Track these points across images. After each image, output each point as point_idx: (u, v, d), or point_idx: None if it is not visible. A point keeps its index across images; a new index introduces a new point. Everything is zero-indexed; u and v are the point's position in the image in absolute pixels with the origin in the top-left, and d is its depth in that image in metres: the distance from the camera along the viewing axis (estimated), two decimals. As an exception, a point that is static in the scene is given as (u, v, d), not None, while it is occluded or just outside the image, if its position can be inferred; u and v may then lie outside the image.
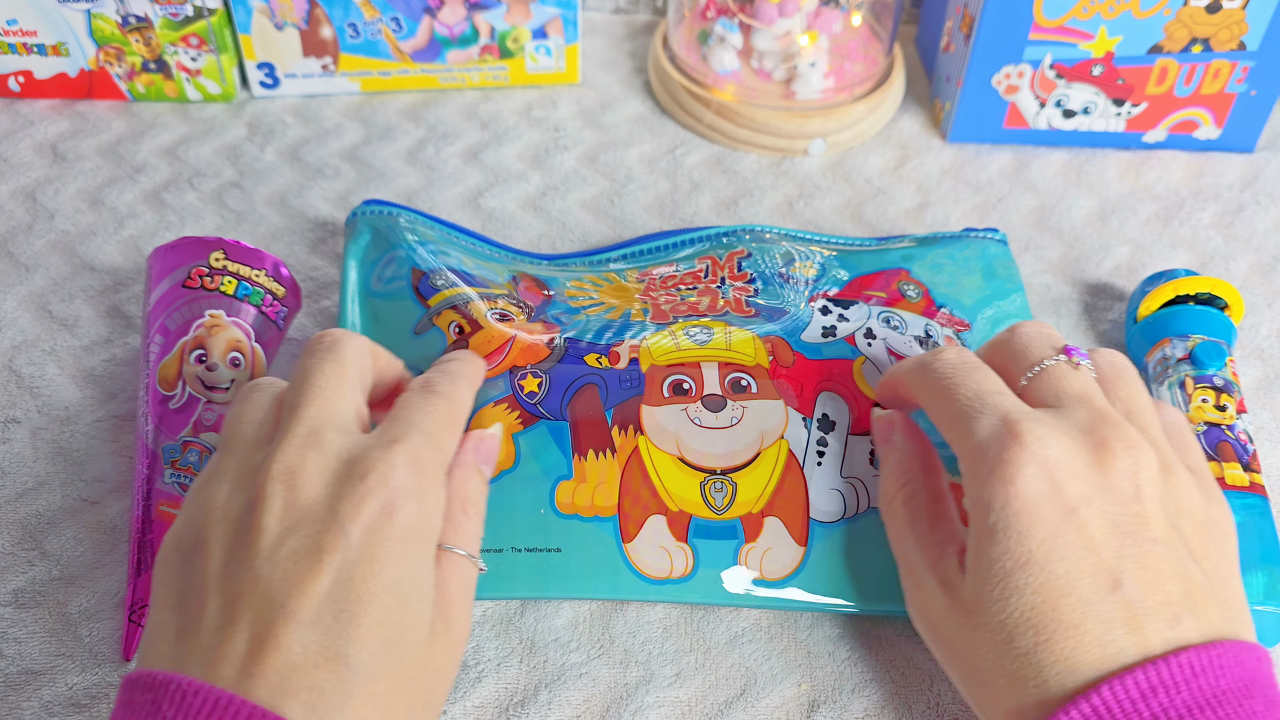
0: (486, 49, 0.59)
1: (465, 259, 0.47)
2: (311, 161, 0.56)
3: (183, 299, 0.43)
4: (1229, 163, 0.58)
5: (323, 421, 0.32)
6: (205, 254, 0.43)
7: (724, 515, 0.39)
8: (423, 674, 0.31)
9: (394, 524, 0.30)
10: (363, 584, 0.29)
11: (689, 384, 0.41)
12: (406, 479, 0.31)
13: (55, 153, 0.56)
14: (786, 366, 0.42)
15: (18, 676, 0.37)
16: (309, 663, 0.28)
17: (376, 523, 0.30)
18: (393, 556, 0.30)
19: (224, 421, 0.35)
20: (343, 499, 0.30)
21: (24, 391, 0.45)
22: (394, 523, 0.30)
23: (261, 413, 0.34)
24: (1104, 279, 0.52)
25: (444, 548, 0.33)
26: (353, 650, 0.29)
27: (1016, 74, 0.56)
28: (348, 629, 0.29)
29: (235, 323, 0.42)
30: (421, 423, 0.33)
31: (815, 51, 0.57)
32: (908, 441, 0.38)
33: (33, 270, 0.50)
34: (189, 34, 0.56)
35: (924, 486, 0.36)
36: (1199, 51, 0.55)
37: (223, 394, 0.42)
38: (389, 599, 0.30)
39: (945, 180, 0.57)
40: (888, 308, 0.45)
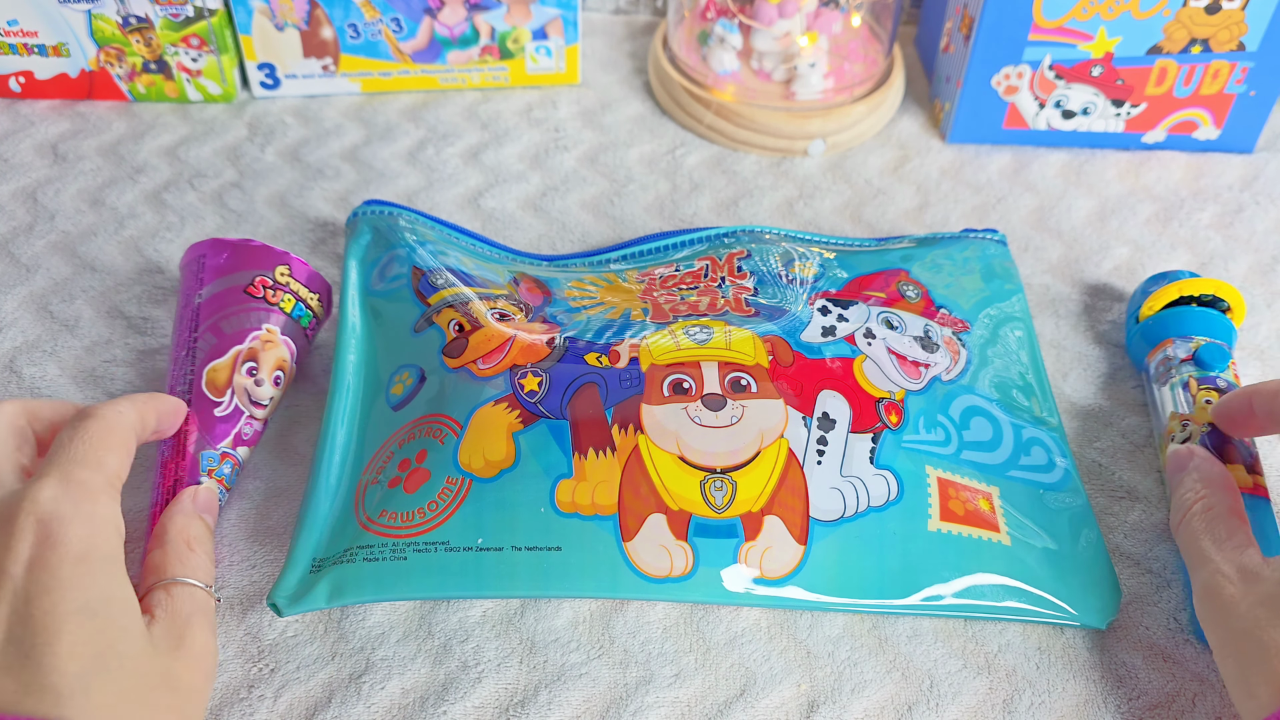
0: (487, 50, 0.59)
1: (465, 259, 0.47)
2: (312, 162, 0.56)
3: (242, 304, 0.42)
4: (1228, 163, 0.58)
5: None
6: (271, 265, 0.43)
7: (724, 514, 0.39)
8: (153, 685, 0.31)
9: (59, 551, 0.30)
10: (45, 615, 0.29)
11: (689, 383, 0.41)
12: (60, 505, 0.31)
13: (56, 153, 0.56)
14: (786, 366, 0.42)
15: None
16: (13, 704, 0.28)
17: (39, 555, 0.30)
18: (71, 580, 0.30)
19: None
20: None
21: (25, 392, 0.45)
22: (59, 550, 0.30)
23: None
24: (1103, 279, 0.52)
25: (174, 580, 0.35)
26: (56, 678, 0.28)
27: (1016, 75, 0.56)
28: (43, 661, 0.29)
29: (285, 341, 0.42)
30: (71, 449, 0.34)
31: (815, 52, 0.57)
32: (1207, 464, 0.40)
33: (33, 271, 0.50)
34: (189, 35, 0.56)
35: (1221, 501, 0.39)
36: (1198, 52, 0.55)
37: (262, 410, 0.42)
38: (82, 620, 0.30)
39: (945, 181, 0.57)
40: (887, 308, 0.45)
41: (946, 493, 0.40)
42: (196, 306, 0.43)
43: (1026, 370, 0.46)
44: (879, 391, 0.42)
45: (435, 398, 0.41)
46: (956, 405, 0.43)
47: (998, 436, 0.43)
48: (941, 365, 0.44)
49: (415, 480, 0.39)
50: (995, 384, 0.45)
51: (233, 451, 0.40)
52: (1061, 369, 0.48)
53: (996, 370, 0.45)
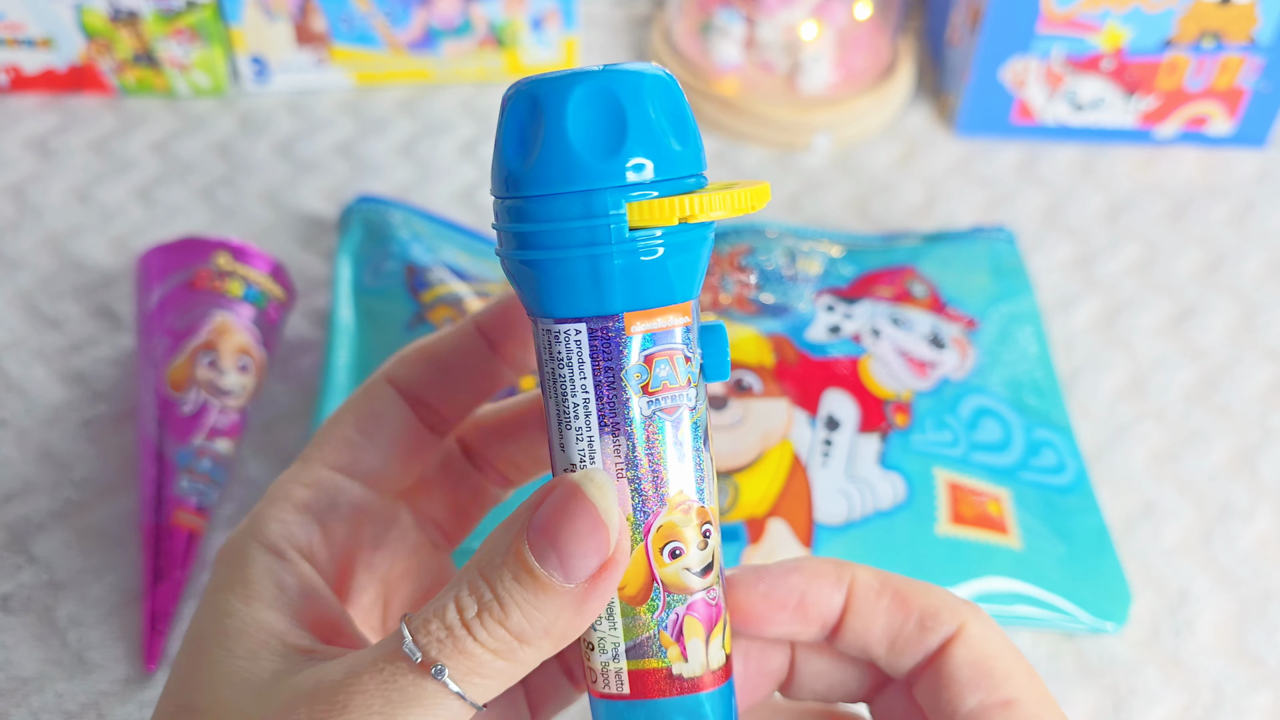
0: (482, 41, 0.58)
1: (460, 255, 0.46)
2: (303, 156, 0.55)
3: (189, 300, 0.42)
4: (1241, 158, 0.57)
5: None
6: (208, 254, 0.43)
7: (727, 517, 0.38)
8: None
9: None
10: None
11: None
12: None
13: (43, 148, 0.55)
14: (790, 365, 0.41)
15: (6, 683, 0.37)
16: None
17: None
18: None
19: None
20: None
21: (11, 392, 0.44)
22: None
23: None
24: (1114, 277, 0.51)
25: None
26: None
27: (1024, 67, 0.55)
28: None
29: (244, 326, 0.42)
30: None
31: (820, 44, 0.56)
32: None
33: (20, 268, 0.49)
34: (179, 26, 0.55)
35: None
36: (1210, 45, 0.54)
37: (234, 399, 0.41)
38: None
39: (953, 175, 0.56)
40: (894, 305, 0.44)
41: (955, 495, 0.39)
42: (148, 316, 0.42)
43: (1036, 370, 0.45)
44: (886, 392, 0.41)
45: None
46: (966, 405, 0.42)
47: (1008, 437, 0.42)
48: (950, 364, 0.43)
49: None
50: (1005, 384, 0.44)
51: (209, 445, 0.40)
52: (1072, 368, 0.47)
53: (1006, 369, 0.44)
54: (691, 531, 0.23)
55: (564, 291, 0.22)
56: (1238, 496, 0.43)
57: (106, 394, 0.45)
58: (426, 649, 0.22)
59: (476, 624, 0.22)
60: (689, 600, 0.23)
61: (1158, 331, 0.49)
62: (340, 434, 0.25)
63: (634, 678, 0.23)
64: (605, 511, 0.22)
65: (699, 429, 0.23)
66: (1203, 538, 0.42)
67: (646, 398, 0.22)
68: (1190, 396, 0.47)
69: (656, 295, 0.22)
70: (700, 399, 0.23)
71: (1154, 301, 0.50)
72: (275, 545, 0.24)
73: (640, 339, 0.22)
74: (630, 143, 0.21)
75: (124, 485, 0.42)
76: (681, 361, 0.22)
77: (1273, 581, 0.41)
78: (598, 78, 0.21)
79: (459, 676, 0.21)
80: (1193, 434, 0.45)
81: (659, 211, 0.21)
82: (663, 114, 0.22)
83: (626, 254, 0.21)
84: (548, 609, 0.22)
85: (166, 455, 0.40)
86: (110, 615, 0.38)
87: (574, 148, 0.21)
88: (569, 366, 0.22)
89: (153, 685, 0.37)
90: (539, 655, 0.22)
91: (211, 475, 0.40)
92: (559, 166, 0.21)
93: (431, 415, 0.26)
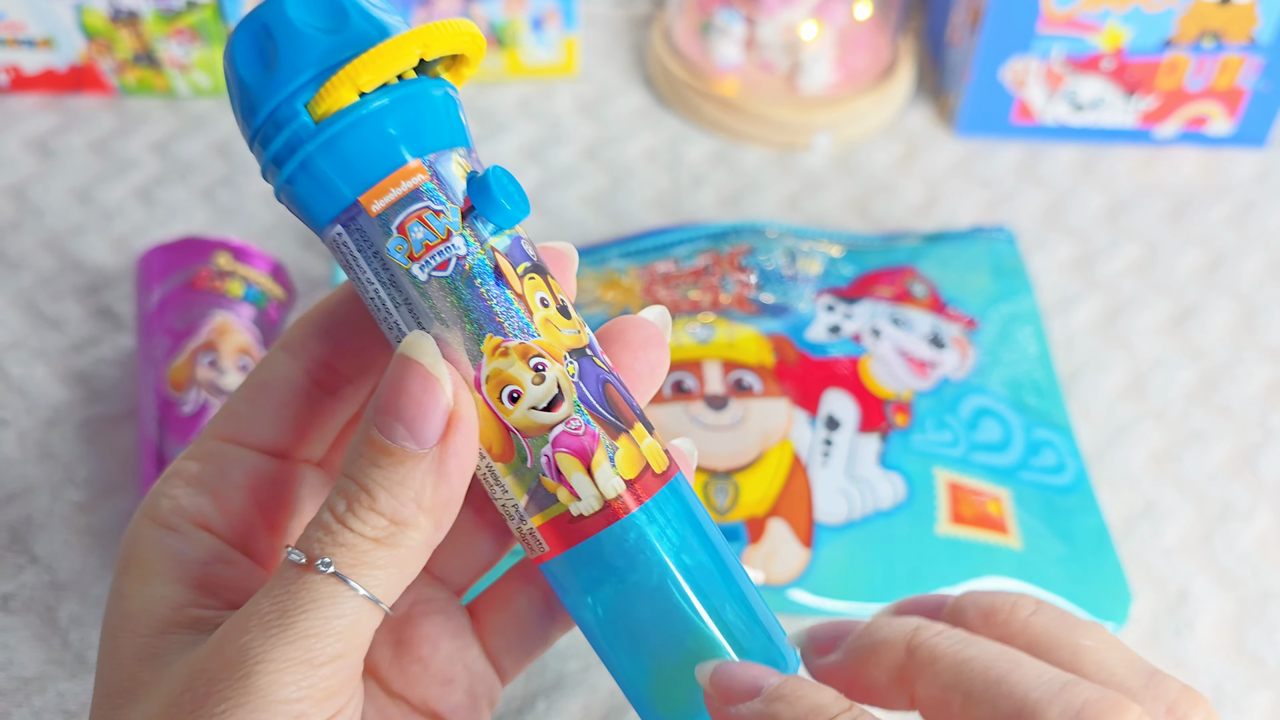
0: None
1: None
2: (306, 156, 0.55)
3: (189, 300, 0.42)
4: (1241, 158, 0.57)
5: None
6: (208, 254, 0.43)
7: (727, 517, 0.38)
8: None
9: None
10: None
11: (691, 382, 0.40)
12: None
13: (43, 148, 0.55)
14: (791, 365, 0.41)
15: (7, 683, 0.37)
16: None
17: None
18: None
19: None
20: None
21: (12, 392, 0.44)
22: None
23: None
24: (1114, 277, 0.51)
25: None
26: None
27: (1024, 67, 0.55)
28: None
29: (244, 326, 0.42)
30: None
31: (820, 44, 0.56)
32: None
33: (21, 268, 0.49)
34: (180, 27, 0.55)
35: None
36: (1210, 45, 0.54)
37: None
38: None
39: (953, 175, 0.56)
40: (894, 305, 0.44)
41: (955, 495, 0.39)
42: (148, 316, 0.42)
43: (1036, 370, 0.45)
44: (886, 392, 0.41)
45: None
46: (966, 405, 0.42)
47: (1008, 437, 0.42)
48: (950, 364, 0.43)
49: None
50: (1005, 384, 0.44)
51: None
52: (1072, 368, 0.47)
53: (1006, 369, 0.44)
54: (519, 370, 0.22)
55: (307, 205, 0.23)
56: (1238, 496, 0.43)
57: (107, 394, 0.45)
58: (308, 549, 0.22)
59: (350, 516, 0.22)
60: (550, 438, 0.22)
61: (1158, 331, 0.49)
62: (230, 406, 0.26)
63: (545, 532, 0.23)
64: (431, 365, 0.22)
65: (481, 271, 0.22)
66: (1203, 538, 0.42)
67: (416, 264, 0.22)
68: (1190, 396, 0.47)
69: (373, 169, 0.22)
70: (478, 243, 0.23)
71: (1154, 301, 0.50)
72: (166, 520, 0.24)
73: (384, 214, 0.22)
74: (282, 54, 0.22)
75: (124, 485, 0.42)
76: (433, 218, 0.22)
77: (1273, 581, 0.41)
78: (246, 18, 0.23)
79: (347, 570, 0.21)
80: (1193, 434, 0.45)
81: (331, 94, 0.22)
82: (313, 13, 0.22)
83: (322, 146, 0.22)
84: (411, 481, 0.22)
85: (167, 455, 0.40)
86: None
87: (242, 80, 0.22)
88: (353, 269, 0.23)
89: (154, 685, 0.37)
90: (422, 537, 0.22)
91: None
92: (242, 103, 0.23)
93: (332, 376, 0.26)
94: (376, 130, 0.22)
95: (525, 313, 0.23)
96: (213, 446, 0.25)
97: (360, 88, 0.22)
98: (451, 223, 0.23)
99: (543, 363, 0.23)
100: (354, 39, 0.22)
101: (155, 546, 0.24)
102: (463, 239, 0.22)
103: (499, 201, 0.23)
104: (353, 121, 0.22)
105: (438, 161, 0.23)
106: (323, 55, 0.22)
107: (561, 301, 0.24)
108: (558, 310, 0.23)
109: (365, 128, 0.22)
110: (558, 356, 0.23)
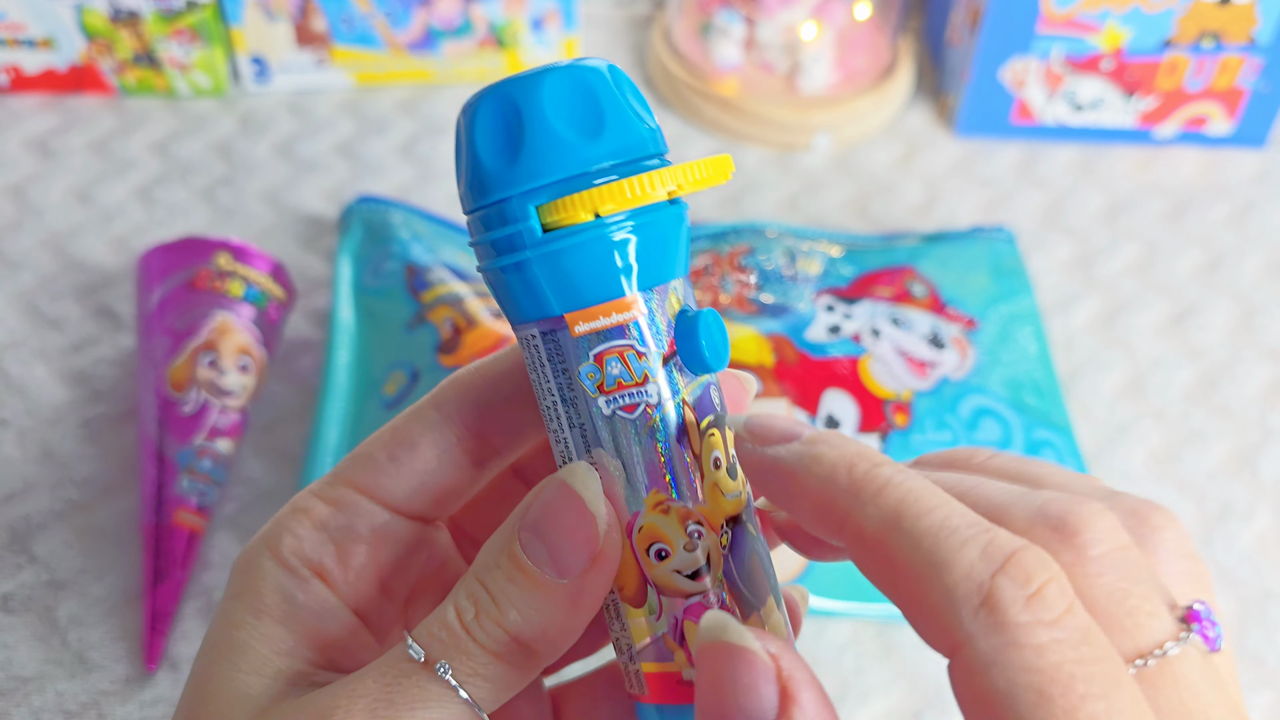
0: (482, 41, 0.58)
1: (460, 255, 0.46)
2: (304, 156, 0.55)
3: (189, 300, 0.42)
4: (1241, 158, 0.57)
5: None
6: (208, 254, 0.43)
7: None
8: None
9: None
10: None
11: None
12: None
13: (43, 148, 0.55)
14: (790, 365, 0.41)
15: (6, 683, 0.37)
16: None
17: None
18: None
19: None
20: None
21: (12, 392, 0.44)
22: None
23: None
24: (1114, 277, 0.51)
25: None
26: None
27: (1024, 67, 0.55)
28: None
29: (245, 327, 0.42)
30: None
31: (820, 44, 0.56)
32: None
33: (21, 268, 0.49)
34: (180, 27, 0.55)
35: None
36: (1209, 45, 0.54)
37: (234, 399, 0.41)
38: None
39: (952, 176, 0.56)
40: (894, 305, 0.44)
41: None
42: (148, 316, 0.42)
43: (1036, 370, 0.45)
44: (886, 392, 0.41)
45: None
46: (965, 405, 0.42)
47: (1007, 437, 0.42)
48: (950, 364, 0.43)
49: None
50: (1005, 384, 0.44)
51: (210, 445, 0.40)
52: (1072, 368, 0.47)
53: (1006, 369, 0.44)
54: (674, 532, 0.22)
55: (511, 298, 0.22)
56: (1238, 496, 0.43)
57: (107, 394, 0.45)
58: (429, 648, 0.21)
59: (475, 625, 0.21)
60: (685, 604, 0.22)
61: (1157, 331, 0.49)
62: (370, 454, 0.24)
63: (650, 681, 0.23)
64: (590, 502, 0.21)
65: (666, 426, 0.22)
66: (1203, 538, 0.42)
67: (604, 397, 0.21)
68: (1190, 396, 0.47)
69: (590, 293, 0.21)
70: (669, 393, 0.22)
71: (1154, 301, 0.50)
72: (286, 559, 0.24)
73: (586, 338, 0.21)
74: (527, 148, 0.21)
75: (124, 485, 0.42)
76: (634, 358, 0.21)
77: (1273, 581, 0.41)
78: (498, 89, 0.21)
79: (461, 677, 0.21)
80: (1193, 434, 0.45)
81: (567, 209, 0.21)
82: (570, 110, 0.21)
83: (543, 256, 0.21)
84: (543, 607, 0.21)
85: (167, 455, 0.40)
86: (111, 615, 0.38)
87: (479, 158, 0.21)
88: (535, 370, 0.22)
89: (153, 685, 0.37)
90: (538, 659, 0.22)
91: (212, 475, 0.40)
92: (470, 176, 0.21)
93: (482, 447, 0.25)
94: (602, 258, 0.21)
95: (697, 476, 0.22)
96: (345, 495, 0.24)
97: (598, 211, 0.21)
98: (651, 368, 0.21)
99: (699, 530, 0.22)
100: (605, 152, 0.21)
101: (272, 584, 0.23)
102: (657, 387, 0.22)
103: (703, 354, 0.21)
104: (581, 243, 0.21)
105: (654, 297, 0.22)
106: (569, 163, 0.21)
107: (732, 459, 0.22)
108: (726, 470, 0.22)
109: (592, 252, 0.21)
110: (715, 526, 0.22)
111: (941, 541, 0.18)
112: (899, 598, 0.19)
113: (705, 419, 0.22)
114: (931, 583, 0.18)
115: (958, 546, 0.18)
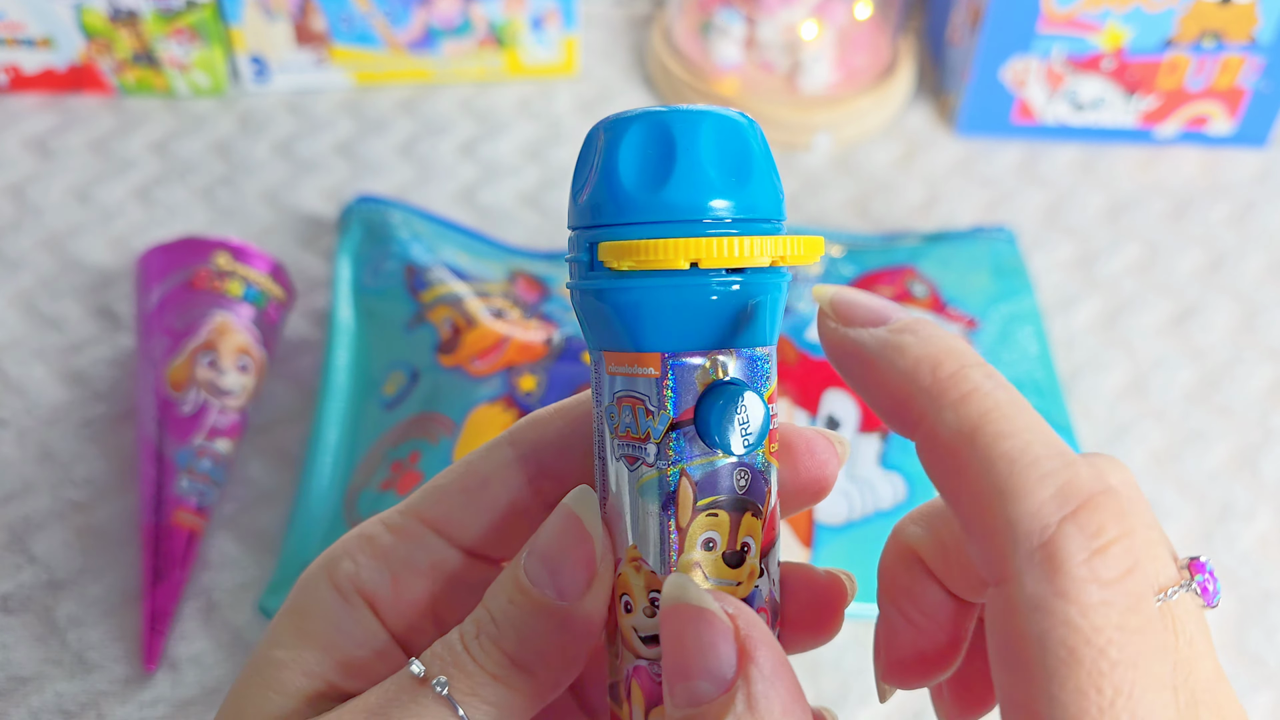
0: (482, 41, 0.58)
1: (460, 255, 0.46)
2: (303, 156, 0.55)
3: (188, 300, 0.42)
4: (1241, 158, 0.57)
5: None
6: (207, 254, 0.43)
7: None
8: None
9: None
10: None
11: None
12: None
13: (43, 148, 0.55)
14: (790, 365, 0.41)
15: (5, 683, 0.37)
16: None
17: None
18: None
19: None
20: None
21: (11, 392, 0.44)
22: None
23: None
24: (1115, 277, 0.51)
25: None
26: None
27: (1025, 67, 0.55)
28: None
29: (244, 327, 0.42)
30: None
31: (820, 44, 0.56)
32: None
33: (20, 268, 0.49)
34: (179, 26, 0.55)
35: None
36: (1210, 45, 0.54)
37: (234, 399, 0.41)
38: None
39: (953, 175, 0.56)
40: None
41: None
42: (148, 316, 0.42)
43: (1037, 370, 0.45)
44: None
45: (429, 397, 0.40)
46: (966, 405, 0.42)
47: (1008, 438, 0.42)
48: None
49: (408, 482, 0.38)
50: (1005, 384, 0.44)
51: (209, 444, 0.40)
52: (1072, 368, 0.47)
53: (1007, 369, 0.44)
54: (639, 594, 0.21)
55: (580, 319, 0.22)
56: (1238, 496, 0.43)
57: (106, 394, 0.44)
58: (429, 665, 0.22)
59: (475, 644, 0.22)
60: (634, 663, 0.22)
61: (1158, 331, 0.49)
62: (442, 488, 0.24)
63: (613, 719, 0.23)
64: (589, 524, 0.21)
65: (657, 488, 0.21)
66: (1203, 538, 0.42)
67: (617, 440, 0.21)
68: (1190, 396, 0.47)
69: (620, 338, 0.21)
70: (670, 458, 0.21)
71: (1154, 301, 0.50)
72: (341, 585, 0.23)
73: (614, 379, 0.21)
74: (599, 184, 0.21)
75: (124, 485, 0.42)
76: (642, 413, 0.21)
77: (1273, 581, 0.41)
78: (653, 116, 0.21)
79: (459, 695, 0.21)
80: (1193, 434, 0.45)
81: (614, 252, 0.20)
82: (715, 152, 0.20)
83: (587, 292, 0.21)
84: (541, 630, 0.21)
85: (166, 455, 0.40)
86: (110, 615, 0.38)
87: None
88: (593, 395, 0.22)
89: (152, 685, 0.37)
90: (539, 686, 0.22)
91: (211, 475, 0.40)
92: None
93: (553, 487, 0.24)
94: (640, 307, 0.21)
95: (676, 550, 0.21)
96: (413, 526, 0.24)
97: (642, 263, 0.20)
98: (654, 429, 0.21)
99: (660, 599, 0.21)
100: (741, 206, 0.20)
101: (322, 609, 0.23)
102: (655, 450, 0.21)
103: (711, 432, 0.21)
104: (630, 289, 0.20)
105: (685, 361, 0.21)
106: (694, 208, 0.20)
107: (741, 547, 0.21)
108: (723, 556, 0.21)
109: (634, 299, 0.20)
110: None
111: (1018, 471, 0.18)
112: (959, 510, 0.19)
113: (707, 497, 0.21)
114: (996, 509, 0.18)
115: (1035, 480, 0.17)
